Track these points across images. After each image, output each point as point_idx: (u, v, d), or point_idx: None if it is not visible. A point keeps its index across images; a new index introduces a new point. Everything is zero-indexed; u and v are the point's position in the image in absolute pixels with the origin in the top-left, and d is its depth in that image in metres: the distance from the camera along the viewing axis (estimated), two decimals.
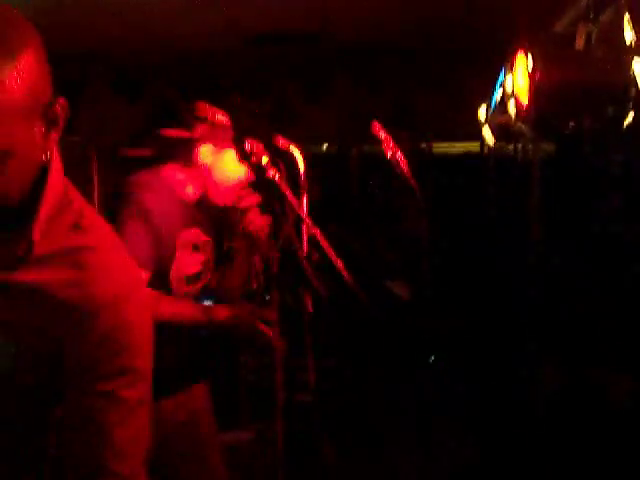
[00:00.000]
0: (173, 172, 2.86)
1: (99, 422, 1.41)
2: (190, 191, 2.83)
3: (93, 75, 8.17)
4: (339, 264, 2.77)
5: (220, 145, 2.81)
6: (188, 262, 2.76)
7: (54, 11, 5.59)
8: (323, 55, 7.42)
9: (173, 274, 2.71)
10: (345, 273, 2.75)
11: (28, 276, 1.40)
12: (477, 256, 7.82)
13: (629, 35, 3.37)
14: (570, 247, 7.21)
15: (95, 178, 8.40)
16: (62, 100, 1.39)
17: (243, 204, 3.03)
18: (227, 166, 2.86)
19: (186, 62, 7.65)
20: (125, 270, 1.50)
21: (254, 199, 3.05)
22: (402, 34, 6.81)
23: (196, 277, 2.80)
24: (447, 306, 6.31)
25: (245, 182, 3.02)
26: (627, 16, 3.38)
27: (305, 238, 3.01)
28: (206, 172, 2.83)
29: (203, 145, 2.82)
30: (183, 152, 2.85)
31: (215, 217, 2.97)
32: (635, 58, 3.30)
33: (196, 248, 2.80)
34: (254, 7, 5.80)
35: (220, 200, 2.90)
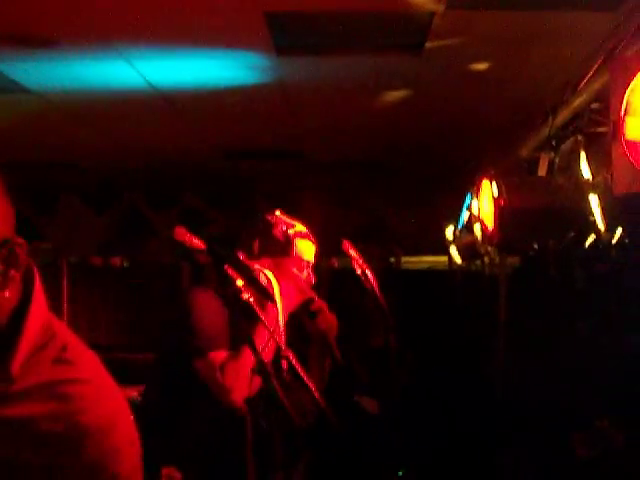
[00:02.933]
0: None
1: None
2: None
3: (67, 184, 8.25)
4: (311, 385, 2.80)
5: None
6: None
7: (29, 121, 5.68)
8: (296, 170, 7.58)
9: None
10: (316, 393, 2.78)
11: (10, 411, 1.40)
12: (445, 368, 7.86)
13: (586, 172, 3.53)
14: (532, 359, 7.30)
15: (64, 287, 8.41)
16: (20, 240, 1.42)
17: (314, 306, 3.21)
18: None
19: (159, 173, 7.76)
20: (110, 399, 1.51)
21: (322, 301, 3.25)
22: (375, 153, 7.00)
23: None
24: (415, 421, 6.31)
25: (309, 283, 3.23)
26: (583, 154, 3.55)
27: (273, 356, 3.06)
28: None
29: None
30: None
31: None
32: (591, 193, 3.46)
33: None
34: (231, 124, 5.94)
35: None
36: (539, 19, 3.69)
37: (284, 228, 3.27)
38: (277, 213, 3.33)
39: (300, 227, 3.31)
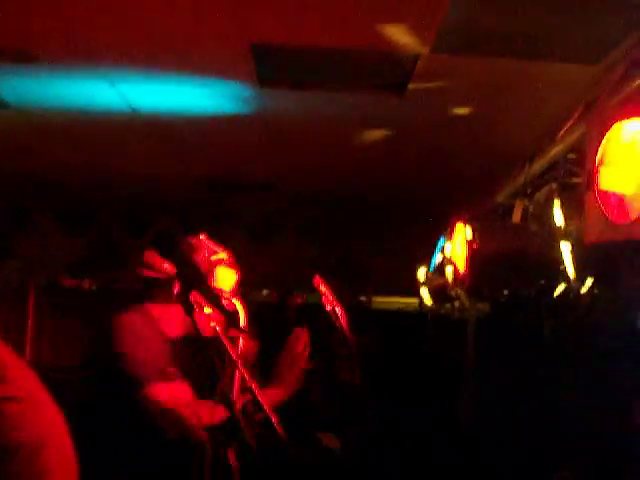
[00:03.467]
0: (156, 310, 2.94)
1: None
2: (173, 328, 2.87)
3: (42, 202, 8.20)
4: (273, 418, 2.77)
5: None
6: None
7: (6, 135, 5.64)
8: (269, 204, 7.58)
9: None
10: (279, 427, 2.75)
11: None
12: (412, 410, 7.84)
13: (559, 219, 3.56)
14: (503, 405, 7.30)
15: (31, 305, 8.33)
16: None
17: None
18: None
19: (140, 199, 7.74)
20: (45, 419, 1.52)
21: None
22: (351, 190, 7.02)
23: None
24: (378, 460, 6.28)
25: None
26: (557, 201, 3.58)
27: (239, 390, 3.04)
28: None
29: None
30: (163, 290, 2.90)
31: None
32: (562, 241, 3.48)
33: None
34: (208, 155, 5.95)
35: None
36: (522, 68, 3.75)
37: (206, 254, 3.14)
38: (201, 237, 3.21)
39: (222, 255, 3.19)
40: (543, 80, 3.88)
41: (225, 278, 3.17)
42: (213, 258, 3.16)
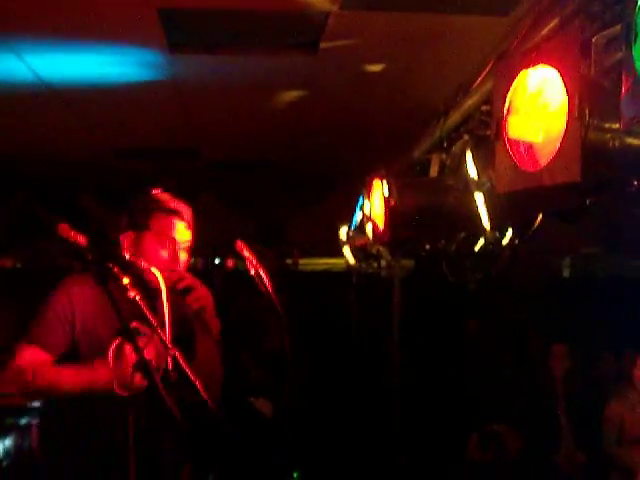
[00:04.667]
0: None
1: None
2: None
3: None
4: (198, 384, 2.76)
5: None
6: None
7: None
8: (192, 170, 7.51)
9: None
10: (204, 392, 2.74)
11: None
12: (341, 370, 7.92)
13: (472, 171, 3.59)
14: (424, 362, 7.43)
15: None
16: None
17: (181, 284, 3.11)
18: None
19: (51, 171, 7.59)
20: None
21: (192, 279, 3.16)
22: (270, 153, 7.00)
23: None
24: (311, 423, 6.33)
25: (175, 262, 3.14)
26: (469, 153, 3.61)
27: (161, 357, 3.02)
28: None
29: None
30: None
31: None
32: (476, 192, 3.52)
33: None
34: (124, 122, 5.85)
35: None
36: (433, 21, 3.74)
37: (150, 203, 3.18)
38: (154, 191, 3.23)
39: (173, 205, 3.19)
40: (455, 33, 3.88)
41: (180, 232, 3.17)
42: (153, 205, 3.16)
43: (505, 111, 2.60)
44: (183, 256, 3.21)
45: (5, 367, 3.05)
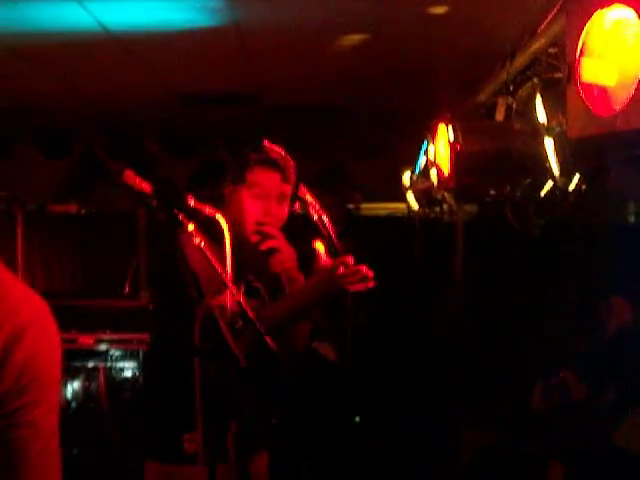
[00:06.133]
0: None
1: (23, 452, 1.45)
2: None
3: (20, 130, 8.09)
4: (263, 332, 2.77)
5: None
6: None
7: None
8: (253, 117, 7.49)
9: None
10: (270, 340, 2.75)
11: None
12: (403, 317, 7.92)
13: (541, 115, 3.51)
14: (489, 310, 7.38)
15: (19, 235, 8.30)
16: None
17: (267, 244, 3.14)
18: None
19: (115, 118, 7.65)
20: (24, 302, 1.54)
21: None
22: (332, 98, 6.94)
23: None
24: (373, 368, 6.35)
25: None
26: (539, 97, 3.53)
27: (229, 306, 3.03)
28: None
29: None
30: None
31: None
32: (546, 138, 3.44)
33: None
34: (187, 67, 5.85)
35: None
36: None
37: (249, 156, 3.16)
38: (254, 143, 3.23)
39: (271, 157, 3.19)
40: None
41: (278, 185, 3.18)
42: (254, 157, 3.16)
43: (578, 53, 2.52)
44: (280, 210, 3.21)
45: None
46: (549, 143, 3.45)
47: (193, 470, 2.94)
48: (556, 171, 3.56)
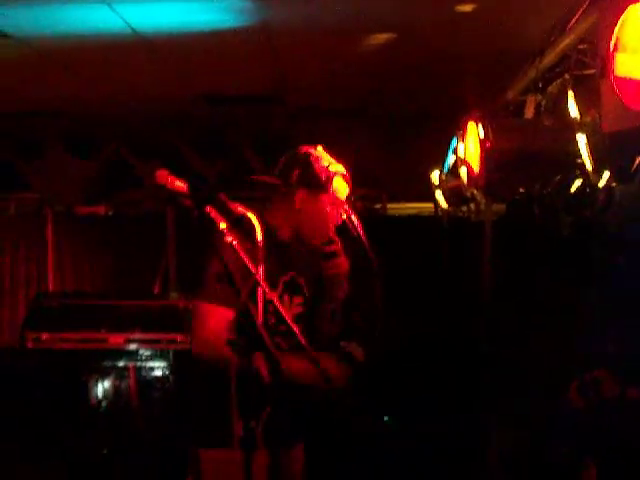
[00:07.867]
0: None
1: None
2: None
3: (50, 133, 8.15)
4: (295, 329, 2.79)
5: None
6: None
7: (10, 67, 5.57)
8: (279, 117, 7.51)
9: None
10: (301, 338, 2.77)
11: None
12: (431, 315, 7.88)
13: (573, 111, 3.50)
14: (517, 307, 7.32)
15: (50, 236, 8.37)
16: None
17: (329, 248, 3.35)
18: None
19: (143, 120, 7.68)
20: None
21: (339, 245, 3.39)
22: (359, 98, 6.94)
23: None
24: (401, 368, 6.34)
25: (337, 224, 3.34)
26: (571, 93, 3.51)
27: (261, 304, 3.07)
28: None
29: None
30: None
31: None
32: (579, 134, 3.43)
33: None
34: (211, 68, 5.87)
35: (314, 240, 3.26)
36: None
37: (325, 164, 3.27)
38: (319, 148, 3.34)
39: (339, 167, 3.32)
40: None
41: (341, 189, 3.32)
42: (332, 169, 3.28)
43: (612, 48, 2.51)
44: (339, 215, 3.37)
45: None
46: (581, 139, 3.43)
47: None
48: (589, 167, 3.54)
